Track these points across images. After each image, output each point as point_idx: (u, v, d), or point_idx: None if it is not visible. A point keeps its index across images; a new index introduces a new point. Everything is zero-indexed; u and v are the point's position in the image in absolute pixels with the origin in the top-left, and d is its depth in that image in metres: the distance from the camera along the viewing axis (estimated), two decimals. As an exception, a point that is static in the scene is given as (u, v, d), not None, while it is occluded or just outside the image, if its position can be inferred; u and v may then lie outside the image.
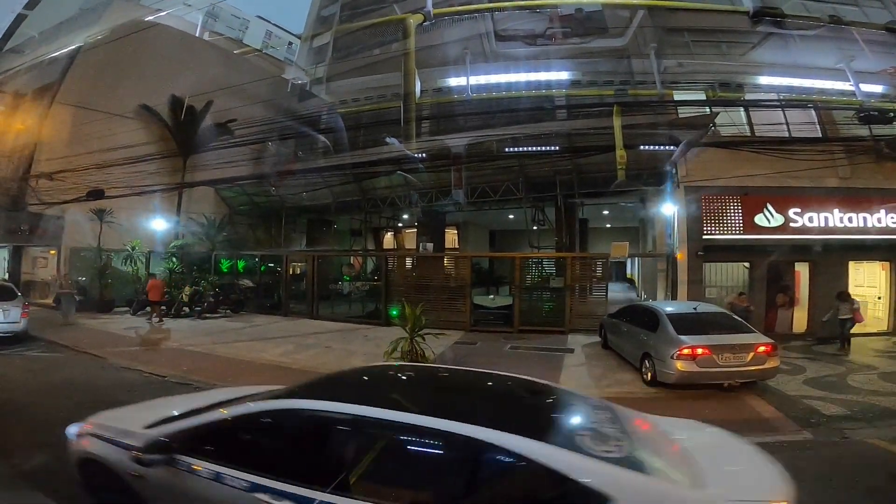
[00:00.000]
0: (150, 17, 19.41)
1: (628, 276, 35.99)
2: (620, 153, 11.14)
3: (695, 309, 8.91)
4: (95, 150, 15.88)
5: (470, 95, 18.31)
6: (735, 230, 13.33)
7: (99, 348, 10.63)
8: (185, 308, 16.09)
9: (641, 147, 12.99)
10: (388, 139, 15.31)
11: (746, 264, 13.84)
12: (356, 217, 22.04)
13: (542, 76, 18.11)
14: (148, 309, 16.72)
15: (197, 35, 27.51)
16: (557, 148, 14.40)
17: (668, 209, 14.22)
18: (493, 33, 18.56)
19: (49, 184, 16.14)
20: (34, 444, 5.06)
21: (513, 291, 14.02)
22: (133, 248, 17.89)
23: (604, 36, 17.74)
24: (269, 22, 48.90)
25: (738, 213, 13.35)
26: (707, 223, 13.46)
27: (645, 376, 8.29)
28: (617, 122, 11.30)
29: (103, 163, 15.25)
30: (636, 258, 28.42)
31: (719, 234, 13.38)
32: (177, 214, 20.21)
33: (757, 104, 14.64)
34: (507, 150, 14.75)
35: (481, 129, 15.22)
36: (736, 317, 8.80)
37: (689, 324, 8.08)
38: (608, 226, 27.09)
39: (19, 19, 25.83)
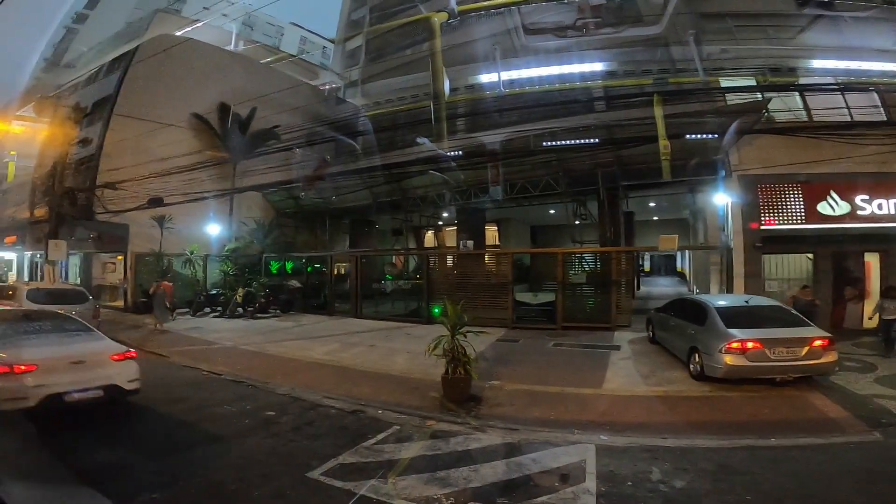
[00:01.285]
0: (189, 29, 20.30)
1: (679, 269, 34.62)
2: (664, 143, 10.72)
3: (746, 302, 8.70)
4: (153, 160, 16.89)
5: (503, 91, 18.14)
6: (796, 219, 12.56)
7: (163, 348, 11.33)
8: (238, 308, 16.86)
9: (688, 136, 12.45)
10: (419, 139, 15.44)
11: (810, 255, 13.02)
12: (397, 217, 22.35)
13: (576, 68, 17.66)
14: (206, 309, 17.72)
15: (234, 44, 28.56)
16: (597, 140, 14.01)
17: (721, 199, 13.64)
18: (522, 27, 18.25)
19: (113, 193, 17.30)
20: (98, 443, 5.42)
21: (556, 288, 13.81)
22: (191, 253, 18.94)
23: (638, 24, 17.08)
24: (303, 28, 49.83)
25: (798, 201, 12.58)
26: (764, 213, 12.78)
27: (693, 371, 8.09)
28: (658, 112, 10.88)
29: (161, 171, 16.18)
30: (687, 251, 27.33)
31: (778, 223, 12.66)
32: (229, 219, 21.19)
33: (812, 88, 13.70)
34: (544, 144, 14.50)
35: (517, 124, 15.02)
36: (792, 310, 8.46)
37: (739, 317, 7.91)
38: (655, 218, 26.17)
39: (71, 34, 27.56)
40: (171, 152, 17.20)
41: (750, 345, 7.22)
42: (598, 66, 17.59)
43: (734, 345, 7.26)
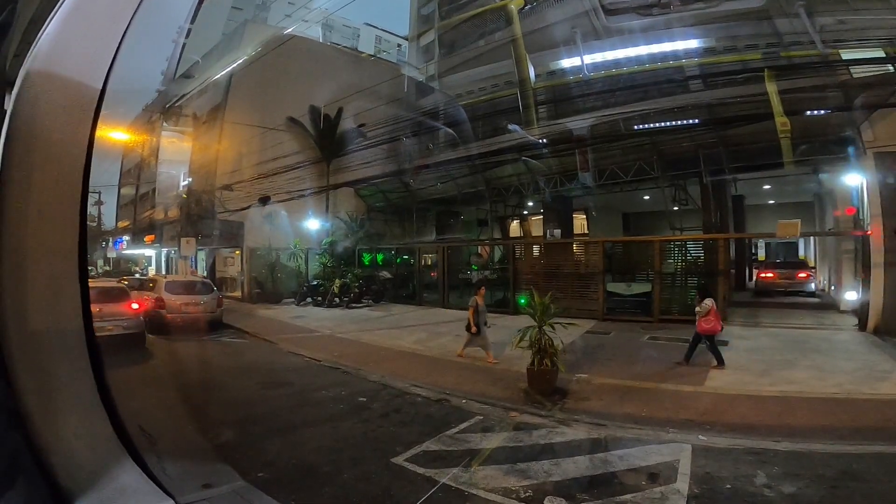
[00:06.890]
0: (281, 33, 21.61)
1: (801, 258, 31.02)
2: (781, 120, 9.55)
3: (783, 258, 16.74)
4: (260, 162, 18.58)
5: (588, 75, 17.10)
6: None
7: (272, 335, 12.47)
8: (335, 298, 18.02)
9: (807, 112, 11.01)
10: (510, 126, 15.20)
11: (970, 240, 10.96)
12: (482, 207, 22.40)
13: (666, 46, 16.05)
14: (308, 299, 19.19)
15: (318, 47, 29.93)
16: (697, 121, 12.84)
17: (854, 180, 11.95)
18: (601, 8, 16.96)
19: (230, 194, 19.35)
20: (226, 420, 6.04)
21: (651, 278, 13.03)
22: (295, 247, 20.61)
23: (733, -3, 15.08)
24: (377, 28, 51.21)
25: (953, 178, 10.61)
26: (909, 193, 10.92)
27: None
28: (772, 88, 9.72)
29: (267, 172, 17.79)
30: (811, 238, 24.24)
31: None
32: (326, 214, 22.68)
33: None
34: (636, 127, 13.58)
35: (604, 108, 14.19)
36: (803, 260, 15.33)
37: (771, 266, 17.47)
38: (771, 202, 23.37)
39: (182, 48, 30.64)
40: (274, 154, 18.77)
41: (769, 275, 16.92)
42: (693, 44, 15.89)
43: (761, 275, 17.01)
